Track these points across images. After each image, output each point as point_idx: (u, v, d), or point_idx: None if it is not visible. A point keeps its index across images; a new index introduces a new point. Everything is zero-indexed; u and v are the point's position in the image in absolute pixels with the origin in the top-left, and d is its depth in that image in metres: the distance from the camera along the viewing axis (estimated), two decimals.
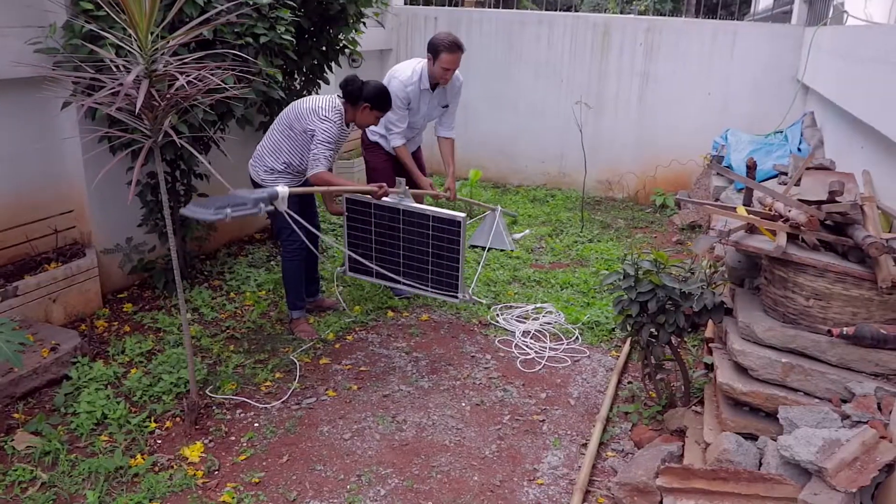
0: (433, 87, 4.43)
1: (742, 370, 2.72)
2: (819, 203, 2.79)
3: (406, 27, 7.46)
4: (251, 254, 5.12)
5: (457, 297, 3.99)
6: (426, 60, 4.36)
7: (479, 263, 5.03)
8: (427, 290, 4.08)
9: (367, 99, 3.76)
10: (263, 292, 4.55)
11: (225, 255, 5.04)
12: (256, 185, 3.87)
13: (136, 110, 2.55)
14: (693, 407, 3.21)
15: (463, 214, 3.87)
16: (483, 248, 5.31)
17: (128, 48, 2.76)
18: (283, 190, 3.31)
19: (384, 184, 3.91)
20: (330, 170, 3.82)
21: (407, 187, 4.09)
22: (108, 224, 4.29)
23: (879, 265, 2.50)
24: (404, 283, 4.12)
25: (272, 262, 5.02)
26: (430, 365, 3.82)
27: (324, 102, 3.76)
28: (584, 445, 3.15)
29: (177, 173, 4.34)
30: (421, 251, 4.02)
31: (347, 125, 3.86)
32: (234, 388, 3.48)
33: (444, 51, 4.24)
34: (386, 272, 4.10)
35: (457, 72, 4.45)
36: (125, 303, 4.28)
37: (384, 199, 3.98)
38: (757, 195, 3.34)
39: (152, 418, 3.20)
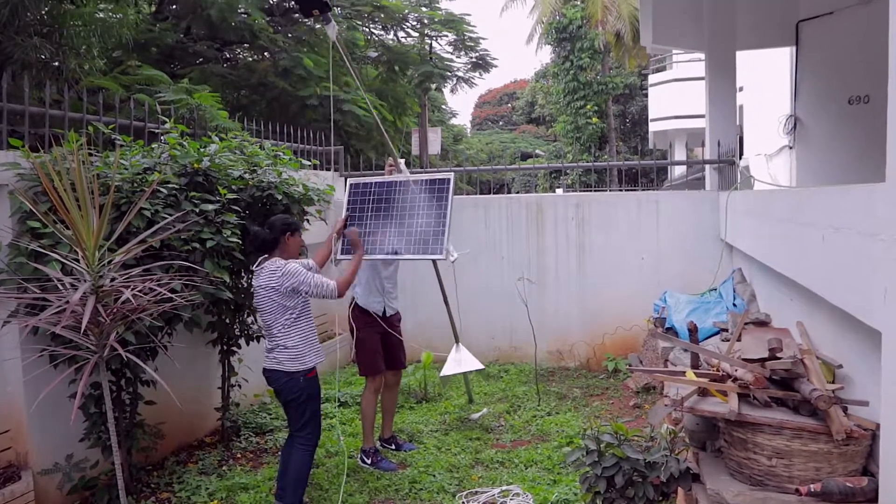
0: None
1: None
2: (762, 360, 2.88)
3: None
4: (201, 460, 4.87)
5: (441, 255, 4.46)
6: None
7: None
8: (413, 256, 4.55)
9: (282, 232, 3.98)
10: (216, 502, 4.28)
11: (173, 464, 4.78)
12: (290, 378, 3.92)
13: (83, 329, 2.53)
14: None
15: (452, 173, 4.68)
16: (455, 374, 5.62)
17: (74, 265, 2.79)
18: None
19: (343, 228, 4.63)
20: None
21: (404, 170, 4.93)
22: (47, 442, 4.06)
23: (830, 417, 2.56)
24: (389, 256, 4.62)
25: (224, 468, 4.78)
26: None
27: (269, 269, 3.87)
28: None
29: (122, 382, 4.21)
30: (412, 215, 4.57)
31: None
32: None
33: None
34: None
35: None
36: None
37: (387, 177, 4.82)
38: (704, 356, 3.43)
39: None
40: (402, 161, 4.98)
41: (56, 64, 6.60)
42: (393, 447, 5.04)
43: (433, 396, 6.19)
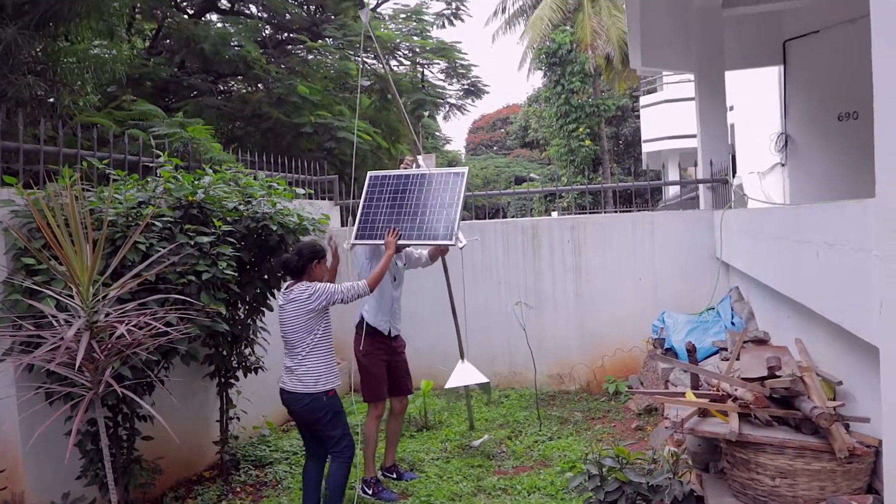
0: None
1: None
2: (762, 379, 2.87)
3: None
4: (200, 495, 4.81)
5: (452, 241, 4.56)
6: None
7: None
8: (427, 242, 4.70)
9: (309, 260, 4.17)
10: None
11: (172, 500, 4.72)
12: (313, 399, 4.05)
13: (77, 365, 2.52)
14: None
15: (466, 167, 4.97)
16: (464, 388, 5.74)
17: (68, 301, 2.78)
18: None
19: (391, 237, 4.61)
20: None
21: (422, 164, 5.11)
22: (43, 481, 4.01)
23: (832, 435, 2.54)
24: (405, 243, 4.72)
25: (223, 502, 4.72)
26: None
27: (300, 290, 4.06)
28: None
29: (119, 417, 4.17)
30: (425, 204, 4.73)
31: None
32: None
33: None
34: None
35: None
36: None
37: (405, 170, 5.02)
38: (703, 377, 3.41)
39: None
40: (421, 157, 5.12)
41: (50, 101, 6.62)
42: (394, 476, 5.00)
43: (434, 424, 6.15)
